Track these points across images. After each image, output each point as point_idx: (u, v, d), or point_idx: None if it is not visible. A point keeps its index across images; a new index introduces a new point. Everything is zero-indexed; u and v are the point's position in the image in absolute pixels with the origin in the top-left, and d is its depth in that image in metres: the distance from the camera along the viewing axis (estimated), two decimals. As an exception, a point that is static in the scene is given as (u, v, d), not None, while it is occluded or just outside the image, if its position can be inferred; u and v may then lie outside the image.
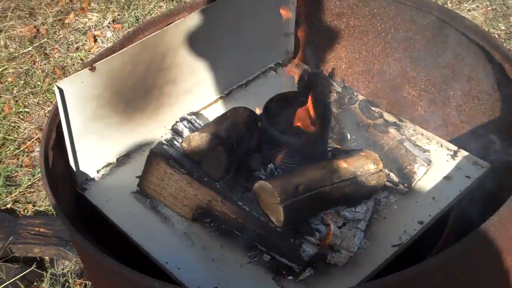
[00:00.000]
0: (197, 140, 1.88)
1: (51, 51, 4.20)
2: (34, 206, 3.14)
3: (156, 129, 2.23)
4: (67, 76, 3.85)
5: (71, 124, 1.91)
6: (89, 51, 4.18)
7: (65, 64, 4.07)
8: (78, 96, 1.89)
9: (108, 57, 1.93)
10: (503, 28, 3.91)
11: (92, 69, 1.88)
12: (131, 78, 2.03)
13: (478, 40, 2.02)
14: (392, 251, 1.79)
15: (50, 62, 4.09)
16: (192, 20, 2.13)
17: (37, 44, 4.26)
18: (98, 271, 1.80)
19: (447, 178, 2.01)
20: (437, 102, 2.25)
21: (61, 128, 1.91)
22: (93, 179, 2.10)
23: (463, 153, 2.09)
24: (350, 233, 1.79)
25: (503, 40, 3.80)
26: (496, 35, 3.84)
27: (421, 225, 1.86)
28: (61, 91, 1.82)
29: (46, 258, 2.82)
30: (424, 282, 1.46)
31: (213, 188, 1.87)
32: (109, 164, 2.14)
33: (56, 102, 1.86)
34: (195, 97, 2.33)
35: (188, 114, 2.12)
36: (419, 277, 1.42)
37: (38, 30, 4.40)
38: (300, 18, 2.47)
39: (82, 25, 4.41)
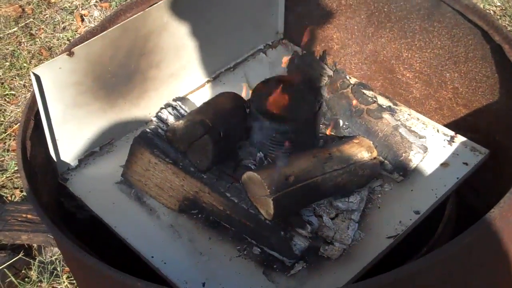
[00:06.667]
0: (182, 129, 1.80)
1: (37, 32, 4.11)
2: (21, 191, 3.07)
3: (140, 115, 2.16)
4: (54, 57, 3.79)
5: (49, 112, 1.84)
6: (76, 31, 4.10)
7: (51, 45, 3.99)
8: (56, 82, 1.82)
9: (87, 41, 1.86)
10: (498, 4, 3.83)
11: (70, 54, 1.80)
12: (112, 62, 1.95)
13: (475, 19, 1.95)
14: (387, 243, 1.73)
15: (36, 42, 4.02)
16: (177, 1, 2.04)
17: (23, 24, 4.18)
18: (78, 268, 1.74)
19: (444, 165, 1.94)
20: (432, 85, 2.18)
21: (40, 116, 1.83)
22: (75, 168, 2.02)
23: (460, 138, 2.02)
24: (344, 225, 1.73)
25: (498, 17, 3.72)
26: (491, 12, 3.76)
27: (418, 215, 1.80)
28: (37, 78, 1.75)
29: (34, 245, 2.77)
30: (420, 281, 1.39)
31: (199, 178, 1.80)
32: (92, 153, 2.07)
33: (33, 90, 1.78)
34: (181, 81, 2.25)
35: (173, 100, 2.06)
36: (416, 275, 1.35)
37: (23, 9, 4.31)
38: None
39: (69, 4, 4.33)
